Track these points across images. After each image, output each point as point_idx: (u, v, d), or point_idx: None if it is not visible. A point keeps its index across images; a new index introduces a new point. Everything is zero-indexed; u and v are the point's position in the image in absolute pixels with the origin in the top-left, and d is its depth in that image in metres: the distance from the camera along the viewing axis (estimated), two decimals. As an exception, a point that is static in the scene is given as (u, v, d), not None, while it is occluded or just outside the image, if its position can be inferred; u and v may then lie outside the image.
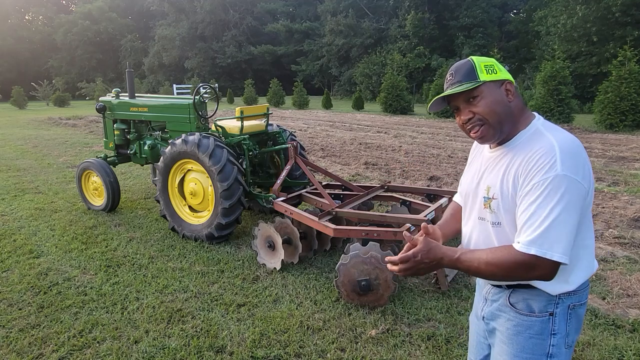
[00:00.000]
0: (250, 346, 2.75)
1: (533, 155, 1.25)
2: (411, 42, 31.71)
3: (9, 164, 8.91)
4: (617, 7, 18.82)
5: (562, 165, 1.19)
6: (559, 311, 1.33)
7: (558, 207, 1.18)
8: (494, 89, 1.33)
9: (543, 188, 1.20)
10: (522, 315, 1.36)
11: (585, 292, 1.38)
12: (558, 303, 1.33)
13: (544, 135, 1.29)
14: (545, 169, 1.21)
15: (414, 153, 9.44)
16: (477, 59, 1.36)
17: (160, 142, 5.47)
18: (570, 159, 1.21)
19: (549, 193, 1.19)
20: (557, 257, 1.18)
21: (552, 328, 1.33)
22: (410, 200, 4.23)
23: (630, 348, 2.67)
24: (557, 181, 1.19)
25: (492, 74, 1.32)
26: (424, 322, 3.01)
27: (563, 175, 1.19)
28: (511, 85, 1.35)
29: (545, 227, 1.19)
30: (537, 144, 1.27)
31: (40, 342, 2.83)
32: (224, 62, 42.82)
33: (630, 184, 6.58)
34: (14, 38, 45.08)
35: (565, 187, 1.19)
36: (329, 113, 21.43)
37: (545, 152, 1.23)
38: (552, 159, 1.21)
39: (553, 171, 1.19)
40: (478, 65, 1.33)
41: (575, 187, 1.20)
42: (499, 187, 1.33)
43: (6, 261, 4.10)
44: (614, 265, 3.83)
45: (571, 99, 14.52)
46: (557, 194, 1.19)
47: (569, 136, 1.28)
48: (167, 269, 3.89)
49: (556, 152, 1.21)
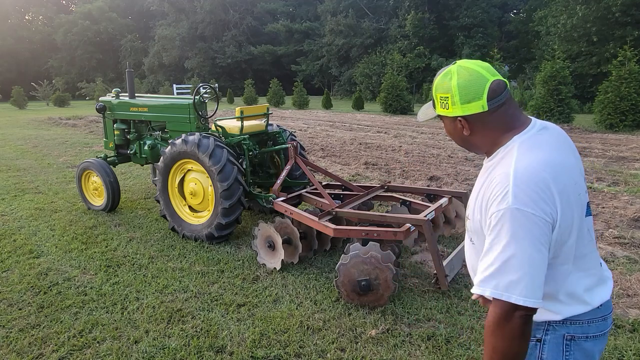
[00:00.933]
0: (250, 346, 2.75)
1: (491, 183, 1.18)
2: (411, 42, 31.71)
3: (9, 164, 8.91)
4: (617, 7, 18.81)
5: (513, 198, 1.09)
6: (549, 339, 1.25)
7: (511, 245, 1.09)
8: (449, 120, 1.32)
9: (495, 223, 1.12)
10: None
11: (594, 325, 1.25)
12: (548, 330, 1.25)
13: (511, 157, 1.19)
14: (498, 200, 1.13)
15: (414, 153, 9.44)
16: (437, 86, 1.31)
17: (160, 142, 5.47)
18: (524, 189, 1.10)
19: (501, 229, 1.11)
20: (515, 300, 1.07)
21: (540, 356, 1.26)
22: (410, 200, 4.23)
23: (630, 348, 2.67)
24: (507, 215, 1.09)
25: (444, 109, 1.30)
26: (424, 322, 3.01)
27: (514, 208, 1.09)
28: (465, 122, 1.27)
29: (497, 267, 1.10)
30: (499, 169, 1.20)
31: (40, 342, 2.83)
32: (224, 62, 42.83)
33: (630, 184, 6.58)
34: (14, 38, 45.10)
35: (515, 222, 1.09)
36: (329, 113, 21.43)
37: (500, 181, 1.14)
38: (505, 190, 1.12)
39: (504, 204, 1.10)
40: (435, 96, 1.32)
41: (530, 221, 1.08)
42: (472, 207, 1.28)
43: (6, 261, 4.10)
44: (614, 265, 3.83)
45: (571, 99, 14.51)
46: (509, 230, 1.09)
47: (534, 161, 1.15)
48: (167, 269, 3.89)
49: (509, 181, 1.12)
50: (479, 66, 1.26)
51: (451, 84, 1.26)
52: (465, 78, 1.24)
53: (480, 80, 1.23)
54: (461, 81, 1.24)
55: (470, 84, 1.23)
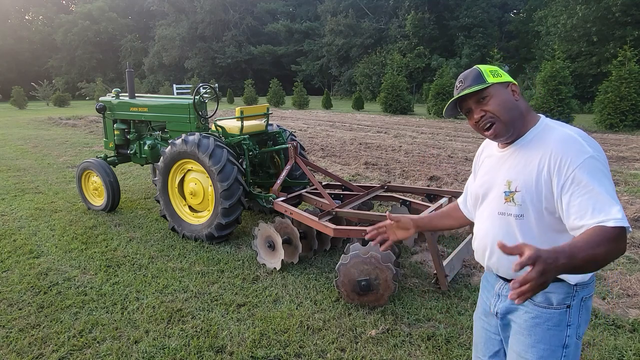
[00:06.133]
0: (250, 346, 2.75)
1: (557, 147, 1.33)
2: (411, 42, 31.72)
3: (9, 164, 8.91)
4: (617, 7, 18.82)
5: (590, 148, 1.29)
6: (575, 303, 1.40)
7: (604, 182, 1.26)
8: (501, 89, 1.44)
9: (583, 172, 1.27)
10: (541, 307, 1.41)
11: (593, 285, 1.45)
12: (574, 295, 1.39)
13: (555, 129, 1.39)
14: (574, 156, 1.29)
15: (414, 153, 9.44)
16: (482, 66, 1.48)
17: (160, 142, 5.47)
18: (590, 141, 1.32)
19: (590, 174, 1.26)
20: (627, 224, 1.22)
21: (568, 320, 1.40)
22: (410, 200, 4.23)
23: (630, 348, 2.67)
24: (592, 162, 1.27)
25: (497, 77, 1.44)
26: (424, 322, 3.01)
27: (595, 155, 1.28)
28: (516, 87, 1.46)
29: (613, 202, 1.23)
30: (554, 136, 1.36)
31: (40, 342, 2.83)
32: (224, 62, 42.82)
33: (630, 184, 6.58)
34: (14, 38, 45.08)
35: (601, 165, 1.28)
36: (329, 113, 21.43)
37: (566, 143, 1.32)
38: (578, 146, 1.30)
39: (584, 155, 1.28)
40: (484, 70, 1.45)
41: (606, 164, 1.31)
42: (522, 180, 1.39)
43: (6, 261, 4.10)
44: (614, 265, 3.83)
45: (571, 99, 14.51)
46: (600, 172, 1.27)
47: (576, 128, 1.39)
48: (167, 269, 3.89)
49: (577, 139, 1.32)
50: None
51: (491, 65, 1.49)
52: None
53: None
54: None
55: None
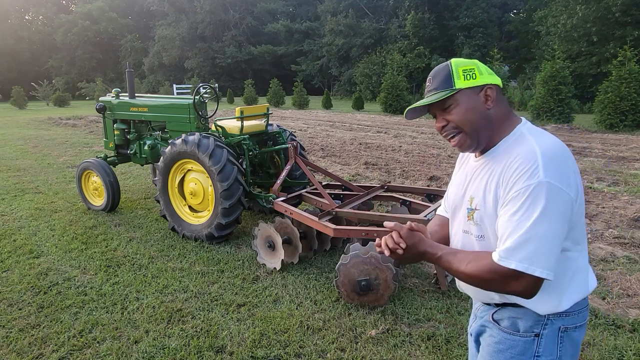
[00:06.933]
0: (250, 346, 2.75)
1: (514, 161, 1.18)
2: (411, 42, 31.69)
3: (9, 164, 8.91)
4: (617, 7, 18.81)
5: (544, 172, 1.11)
6: (547, 333, 1.25)
7: (541, 218, 1.10)
8: (470, 95, 1.27)
9: (525, 197, 1.12)
10: (506, 333, 1.30)
11: (581, 315, 1.28)
12: (546, 324, 1.25)
13: (526, 139, 1.22)
14: (527, 175, 1.13)
15: (414, 153, 9.44)
16: (456, 62, 1.30)
17: (160, 142, 5.47)
18: (555, 164, 1.13)
19: (532, 202, 1.11)
20: (539, 273, 1.10)
21: (537, 350, 1.26)
22: (410, 200, 4.23)
23: (630, 348, 2.67)
24: (539, 189, 1.11)
25: (469, 80, 1.26)
26: (424, 322, 3.01)
27: (546, 182, 1.11)
28: (492, 91, 1.28)
29: (526, 240, 1.11)
30: (519, 149, 1.20)
31: (40, 342, 2.83)
32: (224, 62, 42.82)
33: (630, 184, 6.58)
34: (14, 38, 45.06)
35: (548, 195, 1.10)
36: (329, 113, 21.43)
37: (527, 158, 1.16)
38: (534, 165, 1.13)
39: (535, 178, 1.12)
40: (456, 70, 1.27)
41: (560, 196, 1.11)
42: (482, 197, 1.27)
43: (6, 261, 4.10)
44: (614, 265, 3.84)
45: (571, 99, 14.52)
46: (540, 204, 1.10)
47: (554, 140, 1.20)
48: (167, 269, 3.89)
49: (538, 157, 1.14)
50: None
51: (471, 60, 1.31)
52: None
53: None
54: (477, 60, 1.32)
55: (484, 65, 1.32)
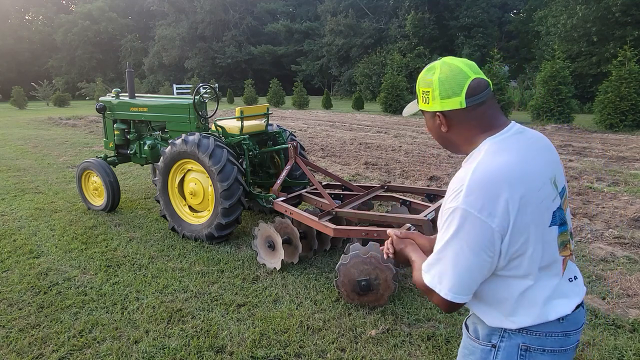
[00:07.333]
0: (250, 346, 2.75)
1: (453, 181, 1.19)
2: (411, 42, 31.68)
3: (9, 164, 8.91)
4: (617, 7, 18.80)
5: (464, 198, 1.10)
6: (505, 346, 1.22)
7: (450, 243, 1.12)
8: (429, 116, 1.32)
9: (444, 218, 1.15)
10: (469, 338, 1.33)
11: (551, 339, 1.21)
12: (503, 337, 1.23)
13: (476, 159, 1.19)
14: (452, 197, 1.14)
15: (414, 153, 9.44)
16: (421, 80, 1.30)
17: (160, 142, 5.47)
18: (478, 191, 1.10)
19: (447, 226, 1.13)
20: (444, 294, 1.14)
21: None
22: (410, 200, 4.23)
23: (630, 348, 2.67)
24: (454, 214, 1.11)
25: (425, 104, 1.30)
26: (424, 322, 3.01)
27: (462, 208, 1.10)
28: (443, 118, 1.26)
29: (437, 259, 1.16)
30: (464, 167, 1.20)
31: (40, 342, 2.83)
32: (224, 62, 42.81)
33: (630, 184, 6.58)
34: (14, 38, 45.05)
35: (461, 222, 1.10)
36: (329, 113, 21.42)
37: (458, 180, 1.16)
38: (460, 189, 1.13)
39: (455, 202, 1.12)
40: (418, 89, 1.31)
41: (474, 225, 1.09)
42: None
43: (6, 261, 4.10)
44: (614, 265, 3.84)
45: (571, 99, 14.52)
46: (452, 228, 1.12)
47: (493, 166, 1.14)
48: (167, 269, 3.89)
49: (465, 181, 1.13)
50: (462, 63, 1.25)
51: (433, 79, 1.25)
52: (447, 73, 1.23)
53: (461, 76, 1.22)
54: (442, 76, 1.24)
55: (450, 79, 1.23)
